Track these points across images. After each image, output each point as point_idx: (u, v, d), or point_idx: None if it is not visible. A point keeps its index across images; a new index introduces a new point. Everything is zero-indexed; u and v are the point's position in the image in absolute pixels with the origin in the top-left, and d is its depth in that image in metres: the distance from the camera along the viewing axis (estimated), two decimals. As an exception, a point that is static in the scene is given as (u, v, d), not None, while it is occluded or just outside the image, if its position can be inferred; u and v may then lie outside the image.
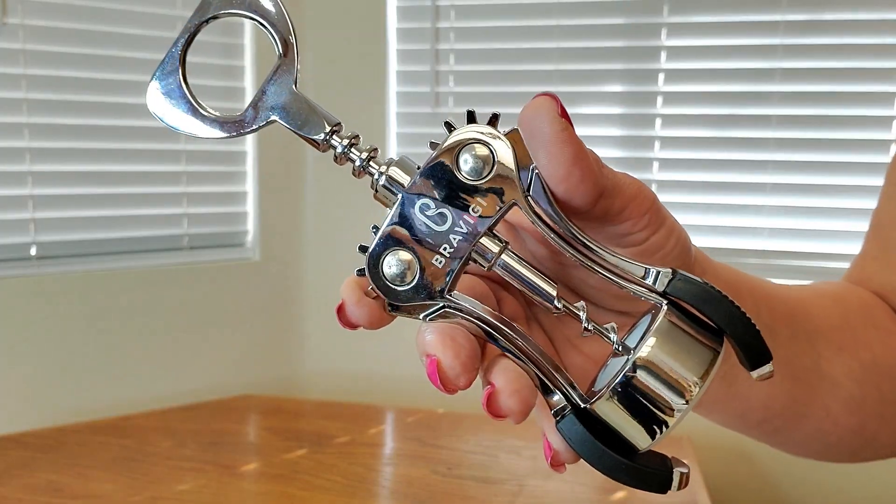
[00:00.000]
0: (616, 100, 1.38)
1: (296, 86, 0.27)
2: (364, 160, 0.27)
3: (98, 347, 1.32)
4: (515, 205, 0.26)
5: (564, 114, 0.26)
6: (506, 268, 0.27)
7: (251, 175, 1.45)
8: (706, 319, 0.26)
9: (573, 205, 0.26)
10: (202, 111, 0.28)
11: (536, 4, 1.39)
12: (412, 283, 0.26)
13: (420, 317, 0.27)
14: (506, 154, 0.26)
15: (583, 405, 0.26)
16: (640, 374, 0.25)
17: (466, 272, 0.28)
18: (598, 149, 1.42)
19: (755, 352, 0.25)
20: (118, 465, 1.07)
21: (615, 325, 0.27)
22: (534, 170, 0.26)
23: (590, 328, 0.27)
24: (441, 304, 0.26)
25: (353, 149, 0.27)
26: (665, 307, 0.26)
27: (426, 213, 0.26)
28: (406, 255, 0.26)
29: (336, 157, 0.27)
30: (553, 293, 0.27)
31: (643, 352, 0.25)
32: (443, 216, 0.26)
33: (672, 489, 0.25)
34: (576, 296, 0.31)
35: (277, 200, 1.48)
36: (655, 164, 1.37)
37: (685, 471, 0.25)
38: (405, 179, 0.26)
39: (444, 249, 0.26)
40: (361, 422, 1.29)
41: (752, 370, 0.26)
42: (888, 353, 0.43)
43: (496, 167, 0.26)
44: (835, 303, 0.44)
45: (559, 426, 0.26)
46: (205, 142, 1.40)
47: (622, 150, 1.39)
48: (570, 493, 1.00)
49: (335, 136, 0.27)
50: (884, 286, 0.46)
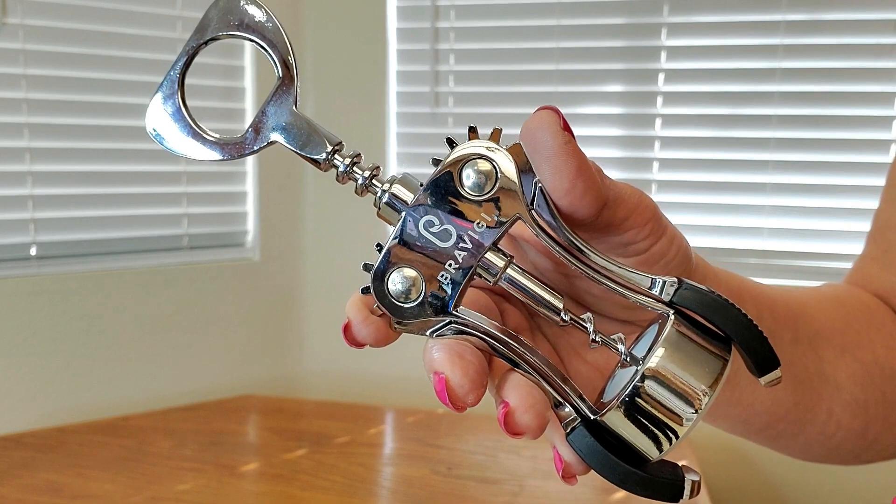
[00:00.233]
0: (616, 100, 1.38)
1: (296, 106, 0.28)
2: (366, 178, 0.27)
3: (98, 347, 1.32)
4: (519, 218, 0.26)
5: (567, 127, 0.26)
6: (511, 282, 0.27)
7: (251, 175, 1.45)
8: (713, 327, 0.26)
9: (577, 216, 0.26)
10: (202, 134, 0.28)
11: (536, 4, 1.39)
12: (418, 300, 0.26)
13: (426, 333, 0.27)
14: (508, 168, 0.26)
15: (592, 417, 0.26)
16: (650, 385, 0.25)
17: (470, 286, 0.29)
18: (598, 148, 1.41)
19: (763, 358, 0.25)
20: (118, 465, 1.08)
21: (622, 336, 0.27)
22: (537, 183, 0.26)
23: (598, 340, 0.27)
24: (447, 320, 0.26)
25: (356, 167, 0.27)
26: (672, 317, 0.26)
27: (430, 230, 0.26)
28: (411, 272, 0.26)
29: (338, 176, 0.27)
30: (560, 306, 0.27)
31: (652, 362, 0.25)
32: (447, 232, 0.26)
33: (684, 498, 0.25)
34: (579, 306, 0.31)
35: (277, 200, 1.48)
36: (655, 164, 1.37)
37: (696, 478, 0.25)
38: (408, 196, 0.26)
39: (450, 265, 0.26)
40: (361, 422, 1.29)
41: (761, 376, 0.26)
42: (890, 356, 0.43)
43: (499, 181, 0.26)
44: (836, 306, 0.44)
45: (569, 438, 0.26)
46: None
47: (622, 150, 1.39)
48: (570, 494, 1.00)
49: (337, 156, 0.27)
50: (885, 288, 0.46)
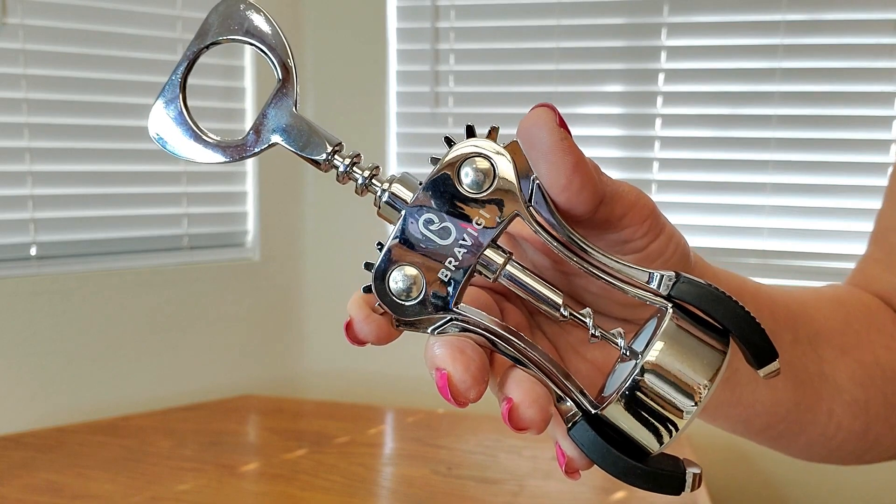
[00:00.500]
0: (616, 100, 1.38)
1: (296, 108, 0.28)
2: (366, 178, 0.27)
3: (98, 347, 1.32)
4: (518, 216, 0.26)
5: (563, 124, 0.26)
6: (511, 278, 0.27)
7: (251, 175, 1.45)
8: (711, 320, 0.26)
9: (575, 213, 0.26)
10: (204, 137, 0.28)
11: (536, 4, 1.39)
12: (419, 298, 0.26)
13: (428, 330, 0.27)
14: (506, 166, 0.26)
15: (593, 411, 0.26)
16: (649, 378, 0.25)
17: (470, 284, 0.29)
18: (598, 148, 1.41)
19: (761, 350, 0.26)
20: (118, 465, 1.08)
21: (622, 331, 0.27)
22: (534, 180, 0.26)
23: (597, 334, 0.27)
24: (448, 318, 0.27)
25: (355, 167, 0.28)
26: (670, 310, 0.26)
27: (430, 228, 0.26)
28: (412, 271, 0.26)
29: (338, 177, 0.28)
30: (559, 301, 0.27)
31: (651, 355, 0.25)
32: (446, 230, 0.26)
33: (686, 490, 0.25)
34: (578, 304, 0.31)
35: (277, 200, 1.48)
36: (655, 164, 1.37)
37: (698, 471, 0.26)
38: (407, 195, 0.27)
39: (450, 263, 0.26)
40: (361, 422, 1.29)
41: (759, 368, 0.26)
42: (891, 357, 0.43)
43: (497, 179, 0.26)
44: (837, 306, 0.44)
45: (571, 433, 0.26)
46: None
47: (622, 150, 1.39)
48: (570, 494, 1.00)
49: (337, 156, 0.27)
50: (887, 289, 0.46)
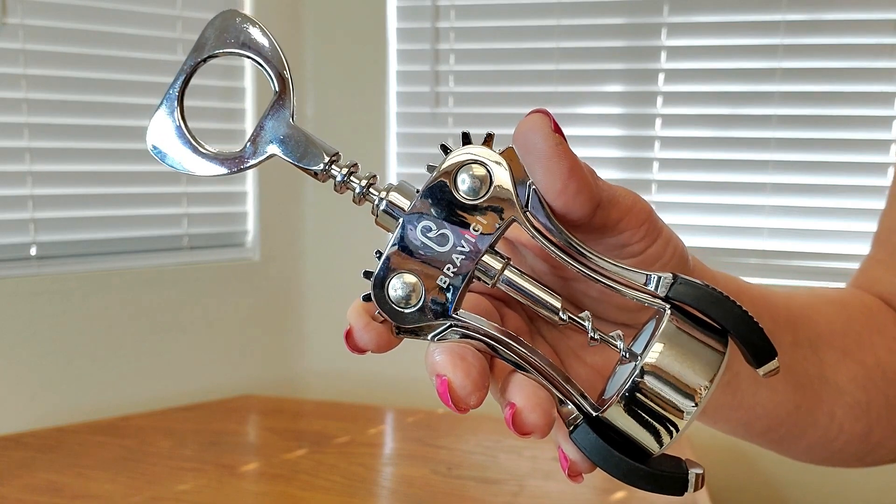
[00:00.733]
0: (616, 100, 1.38)
1: (293, 119, 0.28)
2: (364, 187, 0.28)
3: (98, 347, 1.32)
4: (515, 221, 0.26)
5: (558, 129, 0.26)
6: (509, 283, 0.27)
7: (251, 175, 1.44)
8: (709, 321, 0.26)
9: (571, 217, 0.27)
10: (202, 149, 0.28)
11: (536, 4, 1.39)
12: (418, 305, 0.26)
13: (428, 337, 0.27)
14: (502, 172, 0.26)
15: (594, 414, 0.26)
16: (649, 379, 0.25)
17: (469, 290, 0.29)
18: (598, 148, 1.41)
19: (760, 349, 0.26)
20: (118, 465, 1.08)
21: (621, 333, 0.27)
22: (530, 185, 0.26)
23: (596, 337, 0.27)
24: (448, 324, 0.27)
25: (353, 177, 0.28)
26: (668, 311, 0.26)
27: (428, 235, 0.26)
28: (411, 278, 0.26)
29: (336, 186, 0.28)
30: (558, 305, 0.27)
31: (650, 357, 0.25)
32: (444, 237, 0.26)
33: (689, 491, 0.25)
34: (577, 309, 0.31)
35: (277, 200, 1.48)
36: (655, 164, 1.37)
37: (700, 472, 0.26)
38: (405, 203, 0.27)
39: (448, 269, 0.26)
40: (361, 422, 1.29)
41: (759, 367, 0.26)
42: (893, 359, 0.43)
43: (493, 185, 0.26)
44: (838, 308, 0.44)
45: (573, 436, 0.26)
46: (204, 140, 1.40)
47: (622, 150, 1.39)
48: (570, 494, 1.00)
49: (334, 166, 0.28)
50: (890, 291, 0.46)
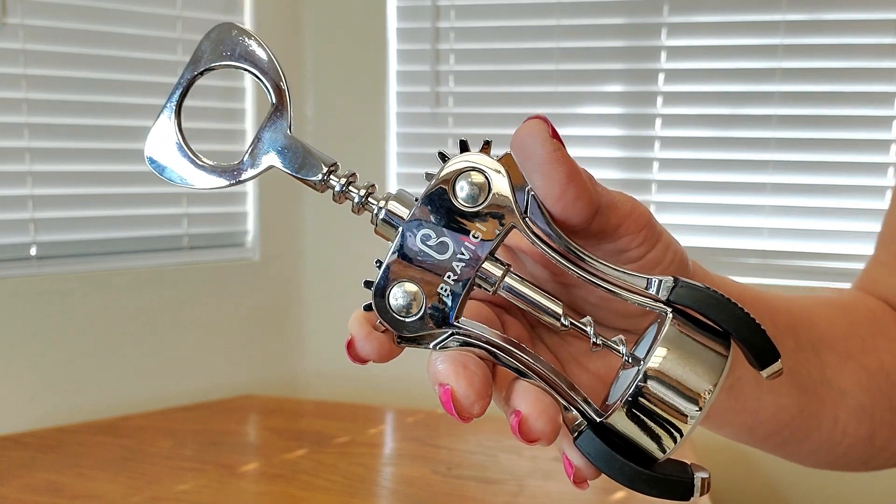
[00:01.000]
0: (616, 100, 1.38)
1: (290, 130, 0.28)
2: (362, 196, 0.27)
3: (98, 347, 1.32)
4: (514, 227, 0.26)
5: (556, 135, 0.26)
6: (510, 290, 0.27)
7: (251, 175, 1.44)
8: (711, 324, 0.26)
9: (570, 223, 0.27)
10: (200, 162, 0.29)
11: (536, 4, 1.39)
12: (419, 314, 0.26)
13: (430, 346, 0.27)
14: (500, 178, 0.26)
15: (598, 419, 0.26)
16: (652, 384, 0.25)
17: (470, 298, 0.29)
18: (598, 148, 1.41)
19: (762, 351, 0.26)
20: (118, 465, 1.08)
21: (623, 338, 0.27)
22: (529, 191, 0.26)
23: (598, 342, 0.27)
24: (449, 332, 0.27)
25: (351, 186, 0.28)
26: (670, 315, 0.26)
27: (428, 243, 0.26)
28: (411, 287, 0.26)
29: (335, 196, 0.28)
30: (559, 311, 0.27)
31: (653, 362, 0.25)
32: (444, 245, 0.26)
33: (695, 495, 0.25)
34: (579, 315, 0.31)
35: (277, 200, 1.48)
36: (655, 164, 1.37)
37: (706, 476, 0.25)
38: (404, 212, 0.27)
39: (449, 277, 0.26)
40: (361, 422, 1.29)
41: (762, 369, 0.26)
42: None
43: (492, 192, 0.26)
44: (840, 312, 0.44)
45: (577, 442, 0.26)
46: (205, 141, 1.40)
47: (622, 150, 1.39)
48: (570, 494, 1.00)
49: (332, 176, 0.28)
50: (893, 293, 0.46)
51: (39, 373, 1.27)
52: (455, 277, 0.26)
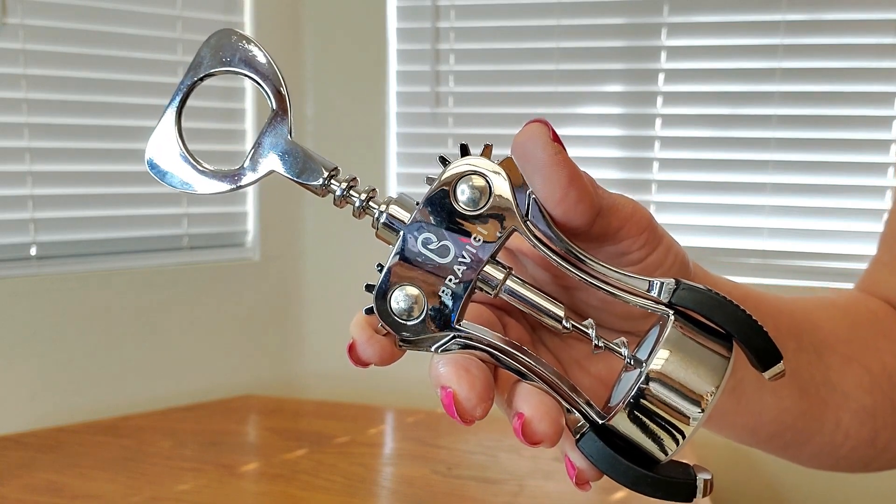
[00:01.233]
0: (616, 100, 1.38)
1: (291, 135, 0.28)
2: (363, 201, 0.27)
3: (98, 347, 1.32)
4: (515, 230, 0.26)
5: (556, 138, 0.26)
6: (512, 293, 0.27)
7: (251, 175, 1.44)
8: (713, 325, 0.26)
9: (572, 225, 0.27)
10: (201, 167, 0.29)
11: (536, 4, 1.39)
12: (421, 317, 0.26)
13: (431, 349, 0.27)
14: (501, 182, 0.26)
15: (601, 422, 0.26)
16: (654, 386, 0.25)
17: (471, 301, 0.29)
18: (598, 148, 1.41)
19: (765, 352, 0.26)
20: (118, 465, 1.08)
21: (625, 340, 0.27)
22: (530, 195, 0.26)
23: (601, 344, 0.27)
24: (451, 335, 0.27)
25: (352, 191, 0.28)
26: (672, 317, 0.26)
27: (429, 247, 0.26)
28: (413, 290, 0.26)
29: (336, 201, 0.28)
30: (561, 314, 0.27)
31: (655, 364, 0.25)
32: (445, 248, 0.26)
33: (698, 497, 0.25)
34: (580, 318, 0.31)
35: (277, 200, 1.48)
36: (655, 164, 1.37)
37: (708, 477, 0.25)
38: (405, 216, 0.27)
39: (450, 280, 0.26)
40: (361, 422, 1.29)
41: (764, 371, 0.26)
42: None
43: (493, 195, 0.26)
44: (842, 314, 0.44)
45: (580, 445, 0.26)
46: (205, 141, 1.40)
47: (622, 150, 1.39)
48: (570, 494, 1.00)
49: (333, 181, 0.28)
50: (894, 294, 0.46)
51: (39, 373, 1.27)
52: (456, 280, 0.26)
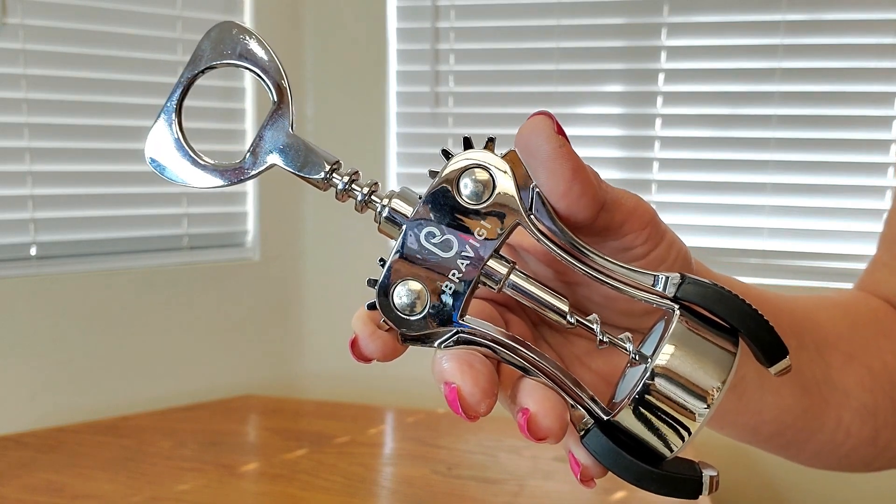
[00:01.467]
0: (616, 100, 1.38)
1: (292, 129, 0.28)
2: (365, 195, 0.27)
3: (98, 347, 1.32)
4: (519, 224, 0.26)
5: (560, 131, 0.26)
6: (515, 287, 0.27)
7: (251, 175, 1.44)
8: (719, 320, 0.26)
9: (575, 219, 0.26)
10: (201, 161, 0.28)
11: (536, 4, 1.39)
12: (423, 312, 0.26)
13: (434, 344, 0.27)
14: (505, 176, 0.26)
15: (605, 418, 0.26)
16: (660, 382, 0.25)
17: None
18: (598, 148, 1.41)
19: (771, 347, 0.25)
20: (118, 465, 1.08)
21: (630, 335, 0.27)
22: (534, 188, 0.26)
23: (605, 339, 0.27)
24: (454, 330, 0.26)
25: (354, 184, 0.27)
26: (678, 312, 0.26)
27: (432, 241, 0.26)
28: (415, 285, 0.26)
29: (338, 195, 0.28)
30: (565, 309, 0.27)
31: (661, 359, 0.25)
32: (448, 242, 0.26)
33: (703, 493, 0.25)
34: (583, 314, 0.31)
35: (277, 200, 1.48)
36: (655, 164, 1.37)
37: (714, 474, 0.25)
38: (407, 210, 0.27)
39: (453, 275, 0.26)
40: (361, 422, 1.29)
41: (770, 366, 0.26)
42: None
43: (496, 189, 0.26)
44: (843, 312, 0.44)
45: (584, 441, 0.26)
46: (205, 141, 1.40)
47: (622, 150, 1.39)
48: (570, 493, 1.00)
49: (335, 174, 0.27)
50: (895, 293, 0.46)
51: (39, 373, 1.27)
52: (459, 275, 0.26)
